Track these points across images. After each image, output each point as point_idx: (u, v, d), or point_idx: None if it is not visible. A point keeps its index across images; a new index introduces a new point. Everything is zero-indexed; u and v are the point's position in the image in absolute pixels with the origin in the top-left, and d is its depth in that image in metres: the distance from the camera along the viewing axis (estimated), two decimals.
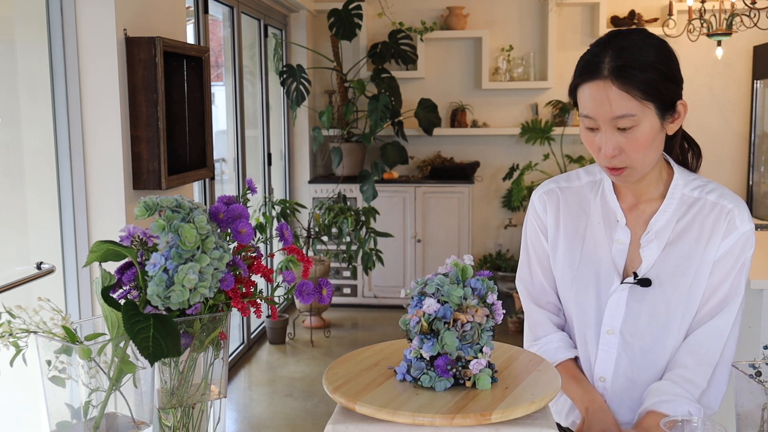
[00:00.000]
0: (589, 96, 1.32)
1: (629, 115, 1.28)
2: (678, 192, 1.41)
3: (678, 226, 1.39)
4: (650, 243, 1.40)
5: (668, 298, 1.38)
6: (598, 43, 1.36)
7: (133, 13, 2.60)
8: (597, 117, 1.31)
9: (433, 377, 1.17)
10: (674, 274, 1.38)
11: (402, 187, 5.63)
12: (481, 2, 5.84)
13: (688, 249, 1.38)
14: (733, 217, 1.38)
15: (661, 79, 1.31)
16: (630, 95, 1.28)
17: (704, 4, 4.47)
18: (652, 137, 1.31)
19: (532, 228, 1.53)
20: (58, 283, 2.53)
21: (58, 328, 1.03)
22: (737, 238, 1.38)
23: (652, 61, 1.32)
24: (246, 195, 1.19)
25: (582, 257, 1.44)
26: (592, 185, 1.49)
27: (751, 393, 1.15)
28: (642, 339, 1.41)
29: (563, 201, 1.49)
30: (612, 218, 1.44)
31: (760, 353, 1.55)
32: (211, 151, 3.02)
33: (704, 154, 1.53)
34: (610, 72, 1.29)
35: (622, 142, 1.30)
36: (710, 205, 1.40)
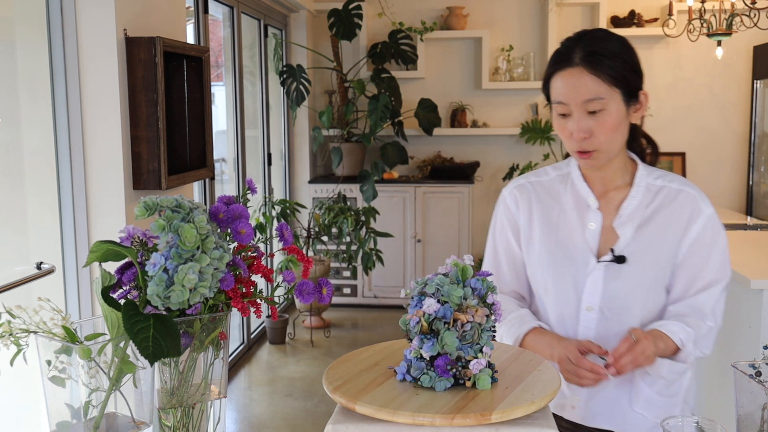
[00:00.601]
0: (563, 83, 1.45)
1: (599, 98, 1.43)
2: (643, 181, 1.54)
3: (647, 211, 1.52)
4: (624, 225, 1.52)
5: (641, 275, 1.50)
6: (568, 39, 1.50)
7: (133, 13, 2.60)
8: (570, 101, 1.44)
9: (433, 377, 1.17)
10: (646, 252, 1.50)
11: (402, 187, 5.63)
12: (481, 2, 5.85)
13: (658, 230, 1.51)
14: (698, 202, 1.54)
15: (625, 68, 1.46)
16: (600, 79, 1.42)
17: (704, 4, 4.47)
18: (619, 122, 1.45)
19: (501, 222, 1.64)
20: (58, 283, 2.52)
21: (58, 328, 1.03)
22: (705, 220, 1.52)
23: (618, 51, 1.47)
24: (246, 195, 1.19)
25: (558, 243, 1.55)
26: (561, 178, 1.60)
27: (751, 393, 1.15)
28: (619, 313, 1.52)
29: (534, 194, 1.60)
30: (583, 205, 1.55)
31: (760, 353, 1.55)
32: (211, 151, 3.02)
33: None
34: (581, 59, 1.44)
35: (592, 125, 1.44)
36: (675, 192, 1.54)
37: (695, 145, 5.77)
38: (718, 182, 5.79)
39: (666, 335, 1.45)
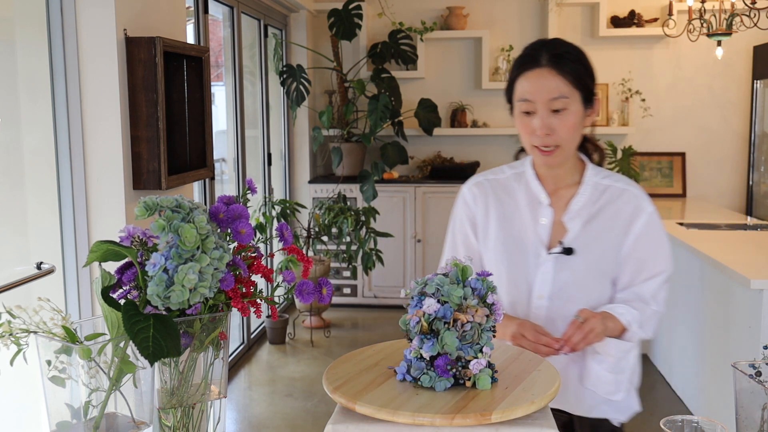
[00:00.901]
0: (529, 82, 1.56)
1: (563, 97, 1.54)
2: (591, 180, 1.66)
3: (594, 208, 1.64)
4: (573, 220, 1.64)
5: (587, 266, 1.62)
6: (531, 45, 1.62)
7: (133, 13, 2.60)
8: (536, 99, 1.55)
9: (433, 377, 1.17)
10: (592, 245, 1.63)
11: (402, 187, 5.63)
12: (481, 2, 5.85)
13: (603, 225, 1.64)
14: (640, 201, 1.65)
15: (585, 72, 1.58)
16: (565, 80, 1.54)
17: (704, 4, 4.47)
18: (578, 122, 1.57)
19: (460, 216, 1.75)
20: (58, 283, 2.52)
21: (58, 328, 1.03)
22: (647, 218, 1.64)
23: (579, 56, 1.58)
24: (246, 195, 1.19)
25: (512, 236, 1.67)
26: (516, 176, 1.72)
27: (751, 393, 1.16)
28: (566, 301, 1.63)
29: (491, 191, 1.72)
30: (536, 201, 1.67)
31: (760, 353, 1.55)
32: (211, 151, 3.02)
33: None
34: (548, 61, 1.55)
35: (555, 122, 1.55)
36: (619, 191, 1.66)
37: (695, 145, 5.77)
38: (718, 182, 5.79)
39: (614, 316, 1.57)
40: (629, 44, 5.72)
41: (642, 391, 1.82)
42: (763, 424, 1.14)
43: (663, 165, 5.78)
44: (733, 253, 3.34)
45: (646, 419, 1.85)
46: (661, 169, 5.78)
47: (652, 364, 4.43)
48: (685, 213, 5.02)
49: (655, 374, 4.26)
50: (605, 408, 1.68)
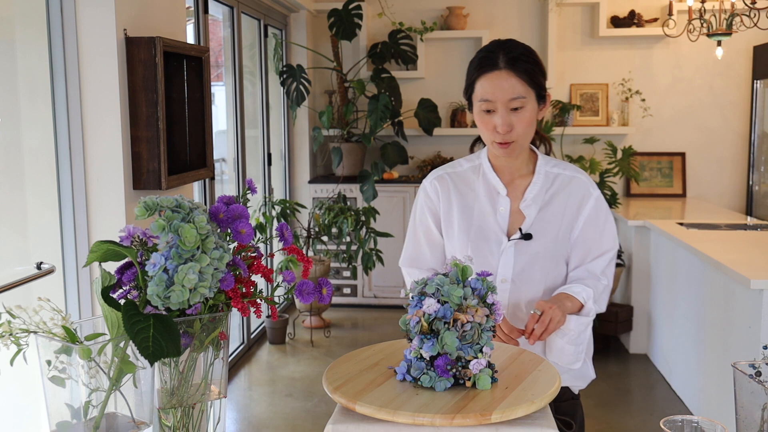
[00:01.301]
0: (489, 83, 1.67)
1: (521, 97, 1.66)
2: (543, 169, 1.79)
3: (547, 195, 1.78)
4: (528, 207, 1.76)
5: (544, 249, 1.75)
6: (487, 48, 1.71)
7: (133, 13, 2.60)
8: (496, 99, 1.66)
9: (433, 377, 1.17)
10: (547, 229, 1.76)
11: (402, 187, 5.63)
12: (481, 2, 5.85)
13: (556, 210, 1.77)
14: (587, 187, 1.78)
15: (538, 72, 1.69)
16: (521, 80, 1.66)
17: (704, 4, 4.47)
18: (533, 118, 1.70)
19: (421, 209, 1.85)
20: (58, 283, 2.52)
21: (58, 328, 1.03)
22: (593, 201, 1.77)
23: (532, 57, 1.70)
24: (246, 195, 1.19)
25: (474, 225, 1.78)
26: (474, 169, 1.83)
27: (751, 393, 1.16)
28: (527, 282, 1.76)
29: (452, 184, 1.82)
30: (494, 192, 1.79)
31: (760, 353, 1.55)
32: (211, 151, 3.02)
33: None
34: (506, 63, 1.66)
35: (513, 120, 1.67)
36: (568, 178, 1.79)
37: (695, 145, 5.77)
38: (718, 182, 5.79)
39: (571, 295, 1.69)
40: (629, 44, 5.72)
41: (642, 391, 1.85)
42: (763, 424, 1.14)
43: (663, 165, 5.78)
44: (733, 253, 3.34)
45: (646, 419, 1.86)
46: (661, 169, 5.78)
47: (652, 364, 4.43)
48: (685, 213, 5.02)
49: (655, 374, 4.27)
50: (565, 377, 1.77)
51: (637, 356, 4.59)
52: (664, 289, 4.30)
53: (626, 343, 4.73)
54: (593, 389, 4.01)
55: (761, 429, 1.15)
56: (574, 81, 5.81)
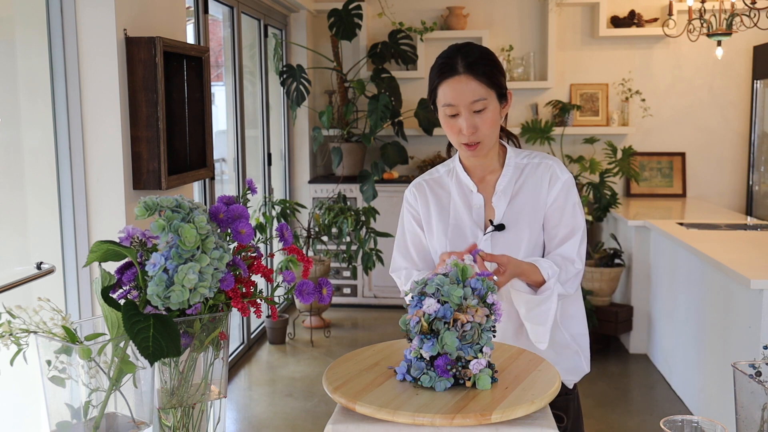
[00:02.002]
0: (450, 88, 1.71)
1: (482, 99, 1.70)
2: (512, 162, 1.84)
3: (517, 185, 1.82)
4: (499, 200, 1.81)
5: (518, 237, 1.79)
6: (445, 54, 1.75)
7: (133, 13, 2.60)
8: (459, 104, 1.70)
9: (433, 377, 1.17)
10: (519, 218, 1.80)
11: (402, 187, 5.63)
12: (481, 2, 5.85)
13: (525, 198, 1.81)
14: (555, 170, 1.81)
15: (498, 72, 1.74)
16: (481, 83, 1.70)
17: (704, 4, 4.47)
18: (497, 118, 1.75)
19: (407, 215, 1.92)
20: (58, 283, 2.52)
21: (58, 328, 1.03)
22: (561, 185, 1.80)
23: (490, 59, 1.74)
24: (246, 195, 1.19)
25: (451, 224, 1.84)
26: (448, 172, 1.90)
27: (751, 393, 1.16)
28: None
29: (429, 189, 1.90)
30: (467, 190, 1.85)
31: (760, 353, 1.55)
32: (211, 151, 3.02)
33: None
34: (465, 68, 1.70)
35: (477, 121, 1.71)
36: (535, 165, 1.83)
37: (695, 145, 5.77)
38: (718, 182, 5.79)
39: (536, 266, 1.70)
40: (629, 44, 5.72)
41: (642, 391, 1.84)
42: (763, 424, 1.14)
43: (663, 165, 5.78)
44: (733, 253, 3.34)
45: (646, 419, 1.85)
46: (661, 169, 5.78)
47: (652, 364, 4.43)
48: (685, 213, 5.02)
49: (655, 374, 4.27)
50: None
51: (637, 356, 4.59)
52: (664, 289, 4.30)
53: (626, 343, 4.73)
54: (593, 389, 4.01)
55: (761, 429, 1.15)
56: (574, 81, 5.81)
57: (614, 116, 5.68)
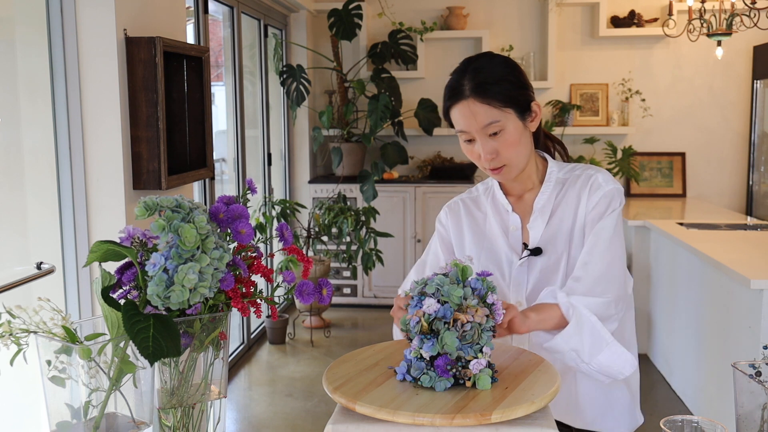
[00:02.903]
0: (459, 114, 1.56)
1: (494, 122, 1.53)
2: (553, 177, 1.65)
3: (556, 202, 1.63)
4: (536, 220, 1.63)
5: (556, 259, 1.60)
6: (456, 72, 1.60)
7: (133, 13, 2.60)
8: (470, 130, 1.55)
9: (433, 377, 1.17)
10: (557, 239, 1.61)
11: (402, 187, 5.63)
12: (481, 2, 5.85)
13: (564, 215, 1.62)
14: (597, 179, 1.60)
15: (512, 88, 1.55)
16: (491, 106, 1.52)
17: (704, 4, 4.47)
18: (519, 136, 1.56)
19: (436, 236, 1.77)
20: (58, 283, 2.52)
21: (58, 328, 1.03)
22: (602, 194, 1.58)
23: (502, 75, 1.55)
24: (246, 195, 1.19)
25: (484, 249, 1.68)
26: (486, 191, 1.75)
27: (751, 393, 1.16)
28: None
29: (465, 210, 1.74)
30: (503, 210, 1.69)
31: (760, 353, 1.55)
32: (211, 151, 3.02)
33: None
34: (471, 91, 1.54)
35: (496, 145, 1.55)
36: (576, 177, 1.64)
37: (695, 145, 5.77)
38: (718, 182, 5.79)
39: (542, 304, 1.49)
40: (629, 44, 5.72)
41: (642, 391, 1.80)
42: (763, 424, 1.14)
43: (663, 165, 5.78)
44: (733, 253, 3.34)
45: (646, 419, 1.84)
46: (661, 169, 5.78)
47: (652, 364, 4.43)
48: (685, 213, 5.02)
49: (655, 374, 4.26)
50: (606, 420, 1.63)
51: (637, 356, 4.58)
52: (664, 289, 4.30)
53: None
54: None
55: (761, 429, 1.15)
56: (574, 81, 5.81)
57: (614, 116, 5.68)
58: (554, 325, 1.47)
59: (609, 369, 1.48)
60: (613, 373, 1.50)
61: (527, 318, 1.42)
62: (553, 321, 1.46)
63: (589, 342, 1.45)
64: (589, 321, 1.45)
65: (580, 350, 1.45)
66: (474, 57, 1.60)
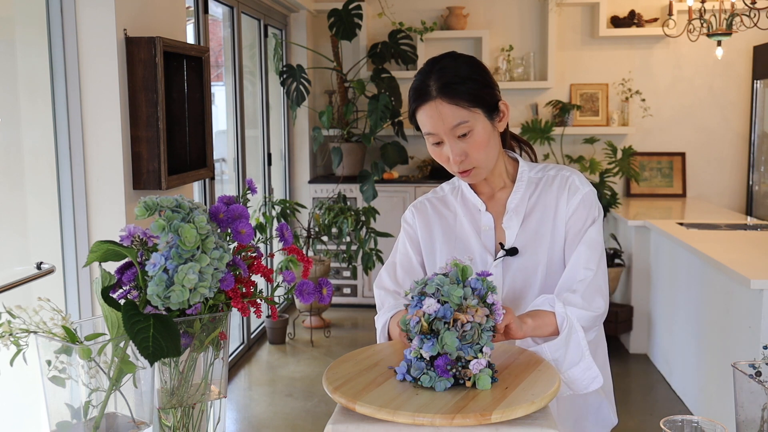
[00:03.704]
0: (426, 116, 1.51)
1: (463, 122, 1.49)
2: (525, 176, 1.63)
3: (530, 202, 1.61)
4: (510, 220, 1.60)
5: (534, 261, 1.58)
6: (421, 72, 1.55)
7: (133, 13, 2.60)
8: (438, 131, 1.51)
9: (433, 377, 1.17)
10: (534, 239, 1.59)
11: (402, 187, 5.63)
12: (481, 2, 5.85)
13: (541, 216, 1.60)
14: (573, 181, 1.60)
15: (479, 87, 1.51)
16: (459, 106, 1.49)
17: (704, 4, 4.47)
18: (488, 137, 1.53)
19: (403, 236, 1.72)
20: (58, 283, 2.52)
21: (58, 328, 1.03)
22: (581, 197, 1.58)
23: (468, 74, 1.52)
24: (246, 195, 1.19)
25: (456, 249, 1.64)
26: (453, 191, 1.70)
27: (751, 393, 1.16)
28: (519, 302, 1.59)
29: (432, 210, 1.69)
30: (474, 210, 1.65)
31: (760, 353, 1.55)
32: (211, 151, 3.02)
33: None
34: (437, 92, 1.49)
35: (464, 147, 1.51)
36: (551, 178, 1.62)
37: (695, 145, 5.77)
38: (718, 182, 5.79)
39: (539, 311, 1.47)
40: (629, 44, 5.72)
41: (642, 391, 1.79)
42: (763, 424, 1.14)
43: (663, 165, 5.78)
44: (733, 253, 3.34)
45: (646, 419, 1.84)
46: (661, 169, 5.78)
47: (652, 364, 4.43)
48: (685, 213, 5.02)
49: (655, 374, 4.27)
50: (584, 424, 1.63)
51: (637, 356, 4.59)
52: (664, 289, 4.30)
53: (626, 343, 4.73)
54: None
55: (761, 429, 1.15)
56: (574, 81, 5.81)
57: (614, 116, 5.68)
58: (548, 333, 1.47)
59: (577, 383, 1.48)
60: (579, 387, 1.49)
61: (524, 324, 1.41)
62: (549, 329, 1.47)
63: (570, 354, 1.46)
64: (576, 334, 1.46)
65: (561, 361, 1.46)
66: (438, 57, 1.57)
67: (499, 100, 1.55)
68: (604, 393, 1.63)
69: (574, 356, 1.46)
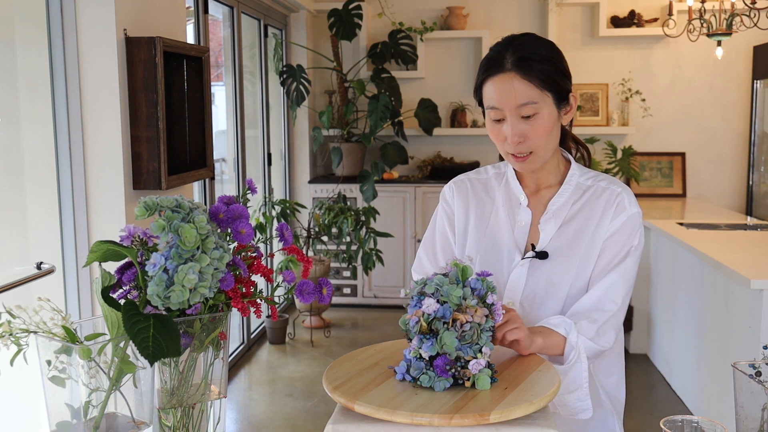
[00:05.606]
0: (495, 88, 1.45)
1: (531, 103, 1.43)
2: (574, 180, 1.56)
3: (573, 208, 1.54)
4: (548, 221, 1.54)
5: (563, 269, 1.51)
6: (498, 44, 1.49)
7: (133, 13, 2.60)
8: (503, 107, 1.44)
9: (433, 377, 1.17)
10: (568, 248, 1.52)
11: (402, 187, 5.63)
12: (481, 2, 5.85)
13: (580, 226, 1.53)
14: (622, 200, 1.52)
15: (555, 71, 1.46)
16: (531, 84, 1.43)
17: (704, 4, 4.47)
18: (552, 125, 1.47)
19: (440, 213, 1.67)
20: (58, 283, 2.52)
21: (58, 328, 1.03)
22: (626, 218, 1.51)
23: (547, 55, 1.47)
24: (246, 195, 1.19)
25: (486, 237, 1.58)
26: (498, 176, 1.64)
27: (751, 393, 1.16)
28: (538, 308, 1.53)
29: (472, 190, 1.64)
30: (515, 202, 1.59)
31: (760, 353, 1.55)
32: (211, 151, 3.02)
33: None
34: (512, 65, 1.44)
35: (526, 129, 1.45)
36: (601, 190, 1.54)
37: (695, 145, 5.77)
38: (718, 182, 5.79)
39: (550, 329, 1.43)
40: (629, 44, 5.72)
41: (642, 391, 1.79)
42: (763, 424, 1.14)
43: (663, 165, 5.78)
44: (733, 253, 3.34)
45: (646, 419, 1.83)
46: (661, 169, 5.78)
47: (652, 364, 4.43)
48: (685, 213, 5.02)
49: (655, 374, 4.27)
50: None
51: (637, 356, 4.59)
52: (664, 289, 4.30)
53: (626, 343, 4.73)
54: None
55: (761, 429, 1.15)
56: (574, 81, 5.75)
57: (614, 116, 5.68)
58: (554, 354, 1.43)
59: (566, 408, 1.44)
60: (566, 412, 1.45)
61: (533, 343, 1.35)
62: (555, 351, 1.43)
63: (569, 381, 1.42)
64: (581, 365, 1.42)
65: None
66: (518, 35, 1.50)
67: (571, 92, 1.50)
68: (614, 406, 1.59)
69: (572, 385, 1.42)
